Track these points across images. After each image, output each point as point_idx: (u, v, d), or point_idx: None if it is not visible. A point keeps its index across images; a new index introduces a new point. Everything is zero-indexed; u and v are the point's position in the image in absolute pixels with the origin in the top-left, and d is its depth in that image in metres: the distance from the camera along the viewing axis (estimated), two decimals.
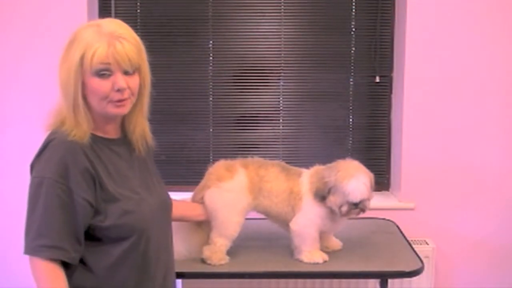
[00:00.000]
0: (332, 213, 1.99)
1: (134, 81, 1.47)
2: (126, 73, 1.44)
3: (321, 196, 1.94)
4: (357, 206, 1.92)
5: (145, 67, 1.51)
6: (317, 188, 1.95)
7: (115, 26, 1.45)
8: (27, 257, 1.41)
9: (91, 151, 1.45)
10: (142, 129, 1.59)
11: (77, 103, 1.43)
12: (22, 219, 1.44)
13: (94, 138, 1.48)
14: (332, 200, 1.93)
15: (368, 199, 1.94)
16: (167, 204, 1.67)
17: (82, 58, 1.40)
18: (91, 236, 1.45)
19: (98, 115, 1.48)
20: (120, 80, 1.43)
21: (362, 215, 2.01)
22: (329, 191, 1.93)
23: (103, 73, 1.41)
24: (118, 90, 1.43)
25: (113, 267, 1.47)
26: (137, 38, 1.48)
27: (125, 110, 1.49)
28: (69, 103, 1.43)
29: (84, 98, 1.44)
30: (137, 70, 1.47)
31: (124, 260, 1.48)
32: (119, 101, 1.45)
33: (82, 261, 1.45)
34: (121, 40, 1.42)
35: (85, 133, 1.44)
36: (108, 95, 1.43)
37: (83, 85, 1.43)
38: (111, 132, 1.54)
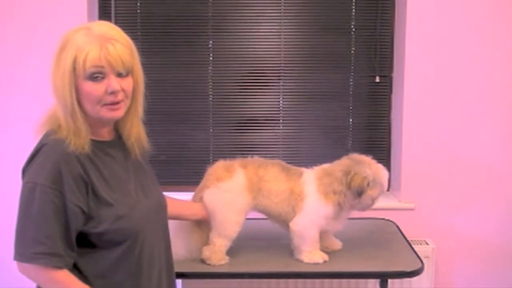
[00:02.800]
0: (339, 212, 1.99)
1: (127, 83, 1.45)
2: (119, 75, 1.43)
3: (360, 192, 1.94)
4: None
5: (138, 68, 1.50)
6: (357, 185, 1.93)
7: (106, 28, 1.44)
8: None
9: (84, 156, 1.42)
10: (137, 132, 1.58)
11: (74, 110, 1.41)
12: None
13: (89, 142, 1.45)
14: (370, 193, 1.95)
15: None
16: (162, 205, 1.66)
17: (74, 63, 1.39)
18: (85, 242, 1.44)
19: (92, 119, 1.46)
20: (114, 82, 1.41)
21: (362, 215, 2.03)
22: (367, 185, 1.94)
23: (96, 76, 1.40)
24: (112, 93, 1.42)
25: (108, 273, 1.46)
26: (129, 40, 1.47)
27: (120, 113, 1.47)
28: (66, 110, 1.41)
29: (79, 103, 1.42)
30: (130, 72, 1.46)
31: (118, 265, 1.47)
32: (113, 104, 1.43)
33: (76, 267, 1.44)
34: (112, 42, 1.40)
35: (85, 141, 1.42)
36: (101, 98, 1.42)
37: (77, 90, 1.41)
38: (105, 134, 1.53)
